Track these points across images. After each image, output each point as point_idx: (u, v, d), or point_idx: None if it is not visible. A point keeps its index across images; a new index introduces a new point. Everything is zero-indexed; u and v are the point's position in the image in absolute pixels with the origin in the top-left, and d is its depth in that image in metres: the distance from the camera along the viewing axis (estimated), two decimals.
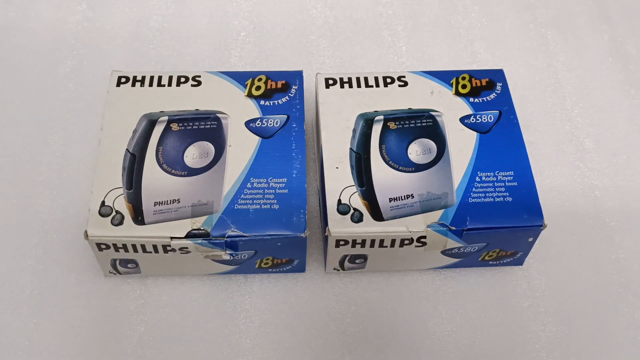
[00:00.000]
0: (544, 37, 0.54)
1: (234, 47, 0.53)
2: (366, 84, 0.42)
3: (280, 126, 0.40)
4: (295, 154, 0.39)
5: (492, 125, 0.41)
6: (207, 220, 0.36)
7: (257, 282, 0.42)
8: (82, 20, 0.54)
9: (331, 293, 0.41)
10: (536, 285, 0.42)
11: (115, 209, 0.36)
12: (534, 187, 0.38)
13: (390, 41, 0.54)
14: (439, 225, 0.37)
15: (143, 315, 0.40)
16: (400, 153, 0.39)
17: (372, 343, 0.40)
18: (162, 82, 0.41)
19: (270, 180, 0.37)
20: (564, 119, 0.50)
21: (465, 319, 0.41)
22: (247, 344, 0.39)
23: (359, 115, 0.40)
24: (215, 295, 0.41)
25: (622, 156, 0.48)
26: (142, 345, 0.39)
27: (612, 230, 0.45)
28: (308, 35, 0.54)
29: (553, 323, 0.41)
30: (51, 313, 0.40)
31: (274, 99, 0.41)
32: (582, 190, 0.46)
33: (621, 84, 0.52)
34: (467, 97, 0.42)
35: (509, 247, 0.40)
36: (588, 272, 0.43)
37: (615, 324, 0.41)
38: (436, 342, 0.40)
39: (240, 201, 0.36)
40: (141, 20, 0.54)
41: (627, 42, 0.54)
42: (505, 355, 0.40)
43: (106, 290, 0.41)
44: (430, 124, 0.40)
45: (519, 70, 0.52)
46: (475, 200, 0.38)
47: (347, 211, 0.37)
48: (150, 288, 0.41)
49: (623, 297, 0.42)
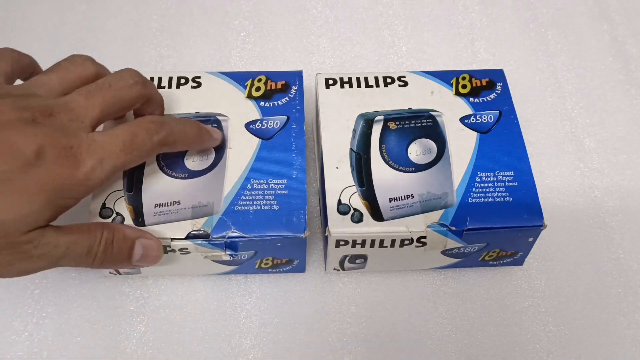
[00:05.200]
0: (544, 37, 0.54)
1: (234, 47, 0.53)
2: (366, 84, 0.42)
3: (280, 127, 0.40)
4: (295, 155, 0.39)
5: (492, 125, 0.41)
6: (208, 221, 0.36)
7: (257, 282, 0.42)
8: (82, 20, 0.54)
9: (331, 293, 0.41)
10: (536, 285, 0.42)
11: (115, 211, 0.36)
12: (534, 187, 0.38)
13: (391, 41, 0.54)
14: (439, 225, 0.37)
15: (143, 316, 0.40)
16: (401, 153, 0.39)
17: (372, 343, 0.40)
18: (162, 84, 0.41)
19: (270, 181, 0.37)
20: (564, 119, 0.50)
21: (465, 319, 0.41)
22: (247, 344, 0.39)
23: (359, 115, 0.40)
24: (215, 296, 0.41)
25: (622, 156, 0.48)
26: (142, 345, 0.39)
27: (612, 230, 0.45)
28: (308, 35, 0.54)
29: (553, 323, 0.41)
30: (51, 313, 0.40)
31: (274, 99, 0.41)
32: (582, 190, 0.46)
33: (621, 84, 0.52)
34: (467, 97, 0.42)
35: (509, 247, 0.40)
36: (588, 272, 0.43)
37: (615, 324, 0.41)
38: (436, 342, 0.40)
39: (241, 202, 0.37)
40: (141, 20, 0.54)
41: (628, 42, 0.54)
42: (505, 355, 0.40)
43: (106, 291, 0.41)
44: (431, 124, 0.40)
45: (519, 70, 0.52)
46: (475, 200, 0.38)
47: (347, 211, 0.37)
48: (151, 288, 0.41)
49: (623, 297, 0.42)
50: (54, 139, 0.29)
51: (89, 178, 0.30)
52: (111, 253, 0.33)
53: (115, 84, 0.33)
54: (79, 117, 0.31)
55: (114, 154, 0.31)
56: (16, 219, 0.28)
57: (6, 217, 0.28)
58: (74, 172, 0.29)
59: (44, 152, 0.29)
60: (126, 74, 0.34)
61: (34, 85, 0.32)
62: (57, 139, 0.29)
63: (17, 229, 0.28)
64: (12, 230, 0.28)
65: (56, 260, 0.31)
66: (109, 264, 0.33)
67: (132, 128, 0.32)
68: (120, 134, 0.32)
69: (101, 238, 0.32)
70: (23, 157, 0.28)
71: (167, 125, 0.34)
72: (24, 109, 0.29)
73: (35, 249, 0.29)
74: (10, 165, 0.28)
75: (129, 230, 0.34)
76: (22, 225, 0.29)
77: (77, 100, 0.31)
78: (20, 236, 0.29)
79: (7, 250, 0.29)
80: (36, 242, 0.29)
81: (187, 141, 0.36)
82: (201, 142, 0.37)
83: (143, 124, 0.33)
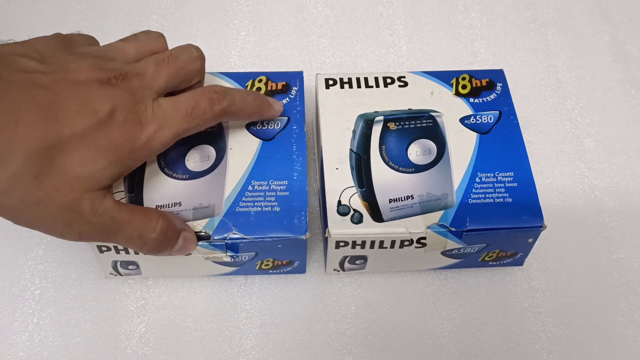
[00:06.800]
0: (545, 36, 0.54)
1: (234, 47, 0.53)
2: (366, 84, 0.42)
3: (281, 128, 0.40)
4: (296, 157, 0.39)
5: (492, 126, 0.41)
6: (209, 223, 0.36)
7: (258, 283, 0.42)
8: (82, 20, 0.54)
9: (331, 294, 0.41)
10: (536, 285, 0.42)
11: None
12: (533, 188, 0.38)
13: (391, 41, 0.54)
14: (439, 226, 0.37)
15: (143, 316, 0.40)
16: (400, 154, 0.39)
17: (372, 343, 0.40)
18: None
19: (271, 182, 0.37)
20: (564, 119, 0.50)
21: (465, 319, 0.41)
22: (248, 344, 0.40)
23: (359, 116, 0.40)
24: (215, 297, 0.41)
25: (622, 156, 0.48)
26: (142, 345, 0.39)
27: (612, 230, 0.45)
28: (308, 35, 0.54)
29: (553, 323, 0.41)
30: (52, 313, 0.40)
31: None
32: (582, 190, 0.46)
33: (621, 84, 0.52)
34: (467, 98, 0.42)
35: (509, 247, 0.40)
36: (588, 272, 0.43)
37: (615, 324, 0.41)
38: (436, 342, 0.40)
39: (242, 204, 0.37)
40: (141, 20, 0.54)
41: (628, 42, 0.54)
42: (505, 355, 0.40)
43: (107, 291, 0.41)
44: (430, 124, 0.40)
45: (519, 70, 0.52)
46: (475, 201, 0.38)
47: (347, 212, 0.37)
48: (151, 289, 0.41)
49: (623, 297, 0.42)
50: (125, 101, 0.31)
51: (151, 141, 0.31)
52: (161, 242, 0.34)
53: (181, 56, 0.35)
54: (148, 84, 0.32)
55: (175, 121, 0.32)
56: (88, 174, 0.30)
57: (80, 171, 0.29)
58: (139, 135, 0.31)
59: (115, 112, 0.30)
60: (191, 48, 0.36)
61: (112, 50, 0.34)
62: (128, 102, 0.31)
63: (85, 184, 0.30)
64: (80, 185, 0.29)
65: (107, 234, 0.32)
66: (154, 251, 0.34)
67: (195, 97, 0.34)
68: (184, 102, 0.33)
69: (156, 226, 0.33)
70: (97, 116, 0.30)
71: (230, 96, 0.35)
72: (101, 70, 0.31)
73: (92, 214, 0.30)
74: (86, 122, 0.29)
75: (177, 222, 0.35)
76: (90, 181, 0.30)
77: (148, 67, 0.33)
78: (84, 193, 0.30)
79: (70, 208, 0.30)
80: (95, 206, 0.30)
81: (248, 111, 0.37)
82: (261, 113, 0.38)
83: (207, 93, 0.34)
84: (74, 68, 0.31)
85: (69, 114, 0.29)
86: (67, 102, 0.29)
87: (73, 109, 0.29)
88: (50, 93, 0.29)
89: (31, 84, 0.29)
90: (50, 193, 0.29)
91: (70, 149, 0.29)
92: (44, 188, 0.29)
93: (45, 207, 0.29)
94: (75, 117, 0.29)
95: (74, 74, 0.30)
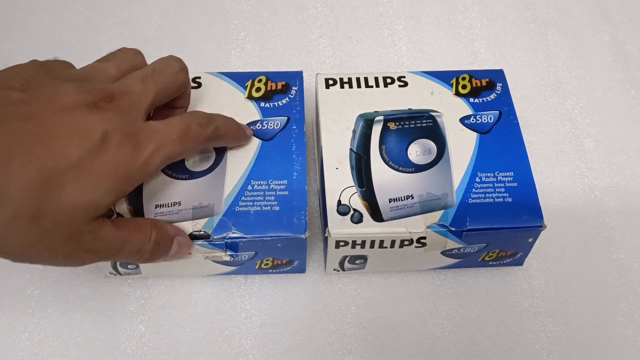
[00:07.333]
0: (545, 36, 0.54)
1: (234, 47, 0.53)
2: (366, 84, 0.42)
3: (281, 128, 0.40)
4: (296, 156, 0.39)
5: (492, 126, 0.41)
6: (208, 222, 0.36)
7: (258, 282, 0.42)
8: (82, 20, 0.54)
9: (331, 293, 0.41)
10: (536, 285, 0.42)
11: (116, 212, 0.36)
12: (533, 187, 0.38)
13: (391, 41, 0.54)
14: (439, 226, 0.37)
15: (143, 316, 0.40)
16: (400, 154, 0.39)
17: (372, 343, 0.40)
18: None
19: (270, 182, 0.37)
20: (564, 119, 0.50)
21: (465, 319, 0.41)
22: (248, 344, 0.40)
23: (359, 116, 0.40)
24: (215, 296, 0.41)
25: (622, 156, 0.48)
26: (142, 345, 0.39)
27: (612, 230, 0.45)
28: (308, 35, 0.54)
29: (553, 323, 0.41)
30: (51, 313, 0.40)
31: (274, 100, 0.41)
32: (582, 190, 0.46)
33: (621, 84, 0.52)
34: (467, 98, 0.42)
35: (509, 247, 0.40)
36: (588, 272, 0.43)
37: (615, 324, 0.41)
38: (436, 342, 0.40)
39: (241, 203, 0.37)
40: (141, 20, 0.54)
41: (628, 42, 0.54)
42: (505, 355, 0.40)
43: (107, 291, 0.41)
44: (430, 124, 0.40)
45: (519, 70, 0.52)
46: (475, 201, 0.38)
47: (347, 212, 0.37)
48: (151, 289, 0.41)
49: (623, 297, 0.42)
50: (117, 124, 0.30)
51: (148, 164, 0.30)
52: (156, 251, 0.34)
53: (165, 70, 0.34)
54: (136, 102, 0.31)
55: (170, 143, 0.31)
56: (87, 205, 0.28)
57: (78, 203, 0.28)
58: (135, 159, 0.30)
59: (108, 136, 0.29)
60: (173, 61, 0.35)
61: (93, 70, 0.32)
62: (119, 125, 0.30)
63: (85, 215, 0.29)
64: (81, 217, 0.29)
65: (108, 256, 0.31)
66: (150, 260, 0.34)
67: (185, 120, 0.33)
68: (176, 124, 0.32)
69: (151, 237, 0.33)
70: (90, 142, 0.28)
71: (214, 121, 0.35)
72: (87, 92, 0.30)
73: (94, 241, 0.30)
74: (79, 150, 0.28)
75: (170, 229, 0.35)
76: (91, 211, 0.29)
77: (134, 85, 0.32)
78: (85, 224, 0.29)
79: (71, 240, 0.29)
80: (95, 234, 0.30)
81: (230, 137, 0.37)
82: (238, 139, 0.38)
83: (195, 118, 0.34)
84: (59, 93, 0.29)
85: (61, 143, 0.28)
86: (57, 130, 0.28)
87: (64, 137, 0.28)
88: (38, 123, 0.28)
89: (18, 118, 0.28)
90: (50, 230, 0.28)
91: (66, 181, 0.28)
92: (43, 226, 0.28)
93: (46, 245, 0.28)
94: (68, 145, 0.28)
95: (60, 100, 0.29)
